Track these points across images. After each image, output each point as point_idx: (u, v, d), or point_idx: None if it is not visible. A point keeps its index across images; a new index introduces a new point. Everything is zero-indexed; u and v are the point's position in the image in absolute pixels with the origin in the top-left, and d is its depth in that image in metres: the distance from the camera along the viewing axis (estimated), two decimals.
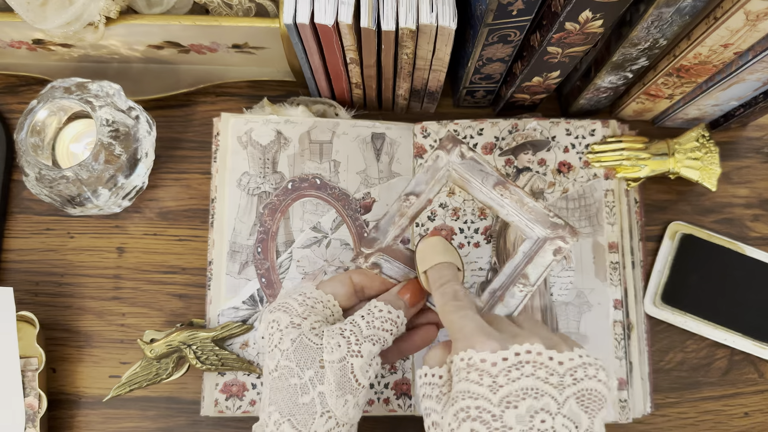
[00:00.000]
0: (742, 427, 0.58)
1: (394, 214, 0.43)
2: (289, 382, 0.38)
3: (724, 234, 0.59)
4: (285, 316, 0.40)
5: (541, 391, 0.31)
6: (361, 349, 0.38)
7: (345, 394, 0.38)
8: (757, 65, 0.47)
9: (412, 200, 0.43)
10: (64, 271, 0.59)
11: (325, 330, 0.39)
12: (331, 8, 0.45)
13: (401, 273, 0.44)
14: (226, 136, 0.57)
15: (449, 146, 0.42)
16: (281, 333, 0.39)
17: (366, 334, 0.39)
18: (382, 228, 0.43)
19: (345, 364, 0.38)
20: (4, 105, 0.62)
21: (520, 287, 0.41)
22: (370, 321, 0.39)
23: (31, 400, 0.53)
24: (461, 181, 0.43)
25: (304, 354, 0.38)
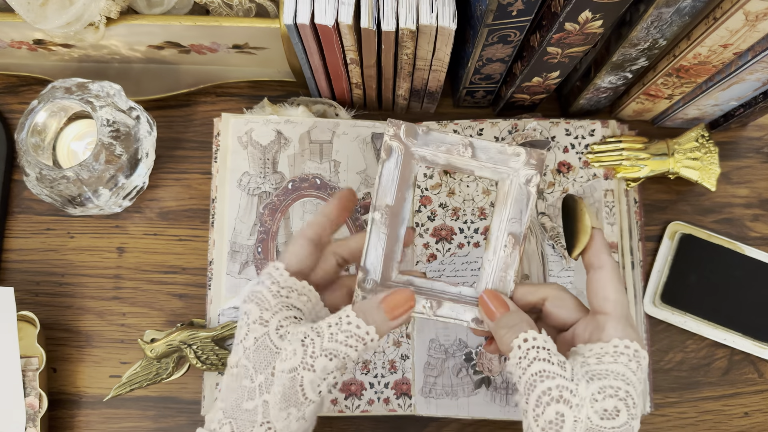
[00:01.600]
0: (742, 427, 0.58)
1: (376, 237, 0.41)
2: (242, 383, 0.37)
3: (724, 234, 0.59)
4: (256, 309, 0.37)
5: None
6: (315, 363, 0.36)
7: (289, 407, 0.36)
8: (757, 65, 0.47)
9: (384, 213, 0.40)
10: (65, 271, 0.59)
11: (290, 332, 0.37)
12: (331, 9, 0.45)
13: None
14: (226, 136, 0.57)
15: (396, 131, 0.40)
16: (248, 328, 0.37)
17: (325, 347, 0.36)
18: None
19: (295, 376, 0.36)
20: (4, 105, 0.62)
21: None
22: (335, 333, 0.36)
23: (32, 400, 0.54)
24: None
25: (262, 356, 0.36)
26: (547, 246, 0.56)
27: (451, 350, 0.55)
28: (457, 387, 0.54)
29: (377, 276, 0.40)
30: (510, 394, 0.54)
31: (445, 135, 0.40)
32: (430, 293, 0.41)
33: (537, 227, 0.56)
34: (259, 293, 0.38)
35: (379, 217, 0.40)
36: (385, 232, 0.40)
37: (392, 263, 0.41)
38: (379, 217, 0.40)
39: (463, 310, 0.41)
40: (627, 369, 0.36)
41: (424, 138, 0.40)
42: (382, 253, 0.40)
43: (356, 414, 0.54)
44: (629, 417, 0.35)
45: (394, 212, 0.40)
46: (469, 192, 0.57)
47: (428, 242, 0.56)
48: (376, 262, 0.40)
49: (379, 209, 0.40)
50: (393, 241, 0.41)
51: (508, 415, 0.53)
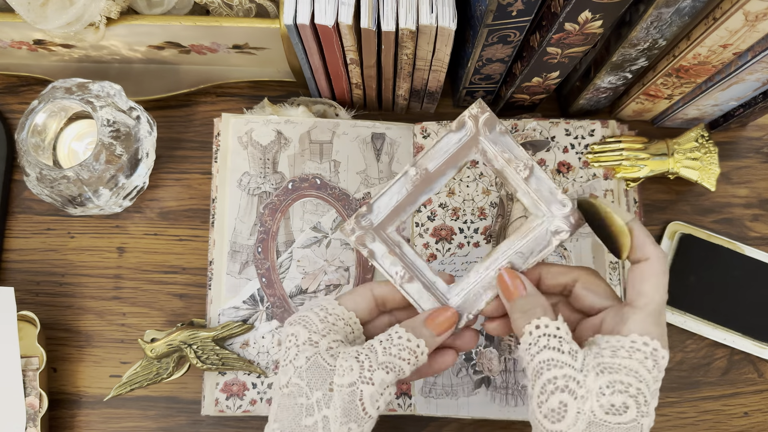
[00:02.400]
0: (742, 426, 0.58)
1: (396, 192, 0.41)
2: (297, 401, 0.37)
3: (724, 234, 0.59)
4: (304, 331, 0.38)
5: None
6: (373, 377, 0.36)
7: (349, 422, 0.36)
8: (757, 65, 0.47)
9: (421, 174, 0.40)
10: (65, 271, 0.59)
11: (341, 352, 0.38)
12: (331, 9, 0.45)
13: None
14: (226, 137, 0.57)
15: (479, 114, 0.39)
16: (297, 349, 0.38)
17: (381, 360, 0.37)
18: (378, 207, 0.41)
19: (354, 390, 0.36)
20: (4, 105, 0.62)
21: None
22: (387, 347, 0.37)
23: (32, 400, 0.54)
24: (485, 156, 0.40)
25: (317, 374, 0.37)
26: None
27: None
28: (457, 387, 0.54)
29: (377, 220, 0.41)
30: (510, 394, 0.54)
31: (515, 146, 0.40)
32: (410, 266, 0.41)
33: None
34: (306, 317, 0.39)
35: (413, 173, 0.40)
36: (408, 189, 0.40)
37: (396, 219, 0.41)
38: (413, 173, 0.40)
39: (426, 298, 0.41)
40: (641, 366, 0.35)
41: (497, 136, 0.39)
42: (394, 204, 0.41)
43: None
44: (638, 414, 0.35)
45: (428, 179, 0.40)
46: (469, 192, 0.57)
47: (428, 242, 0.56)
48: (383, 209, 0.41)
49: (417, 167, 0.40)
50: (410, 201, 0.41)
51: (507, 415, 0.53)
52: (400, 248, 0.41)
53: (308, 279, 0.56)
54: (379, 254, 0.41)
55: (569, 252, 0.55)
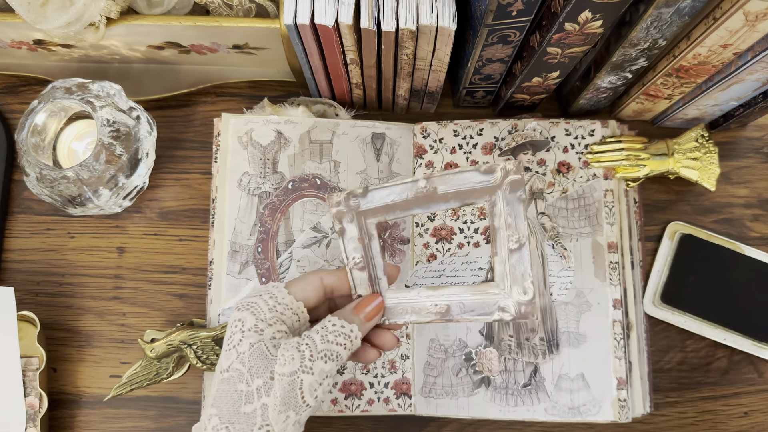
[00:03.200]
0: (742, 426, 0.58)
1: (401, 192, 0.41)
2: (236, 387, 0.38)
3: (724, 234, 0.59)
4: (251, 317, 0.39)
5: None
6: (313, 366, 0.38)
7: (288, 410, 0.37)
8: (756, 65, 0.47)
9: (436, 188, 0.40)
10: (65, 271, 0.59)
11: (283, 342, 0.39)
12: (331, 9, 0.45)
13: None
14: (226, 137, 0.57)
15: (511, 172, 0.39)
16: (242, 335, 0.39)
17: (320, 348, 0.39)
18: (374, 197, 0.41)
19: (294, 379, 0.37)
20: (4, 105, 0.62)
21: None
22: (324, 335, 0.39)
23: (32, 400, 0.54)
24: (492, 208, 0.40)
25: (258, 361, 0.38)
26: (547, 246, 0.56)
27: (451, 350, 0.55)
28: (457, 387, 0.54)
29: (365, 206, 0.41)
30: (510, 394, 0.54)
31: (522, 218, 0.40)
32: (368, 259, 0.42)
33: (537, 227, 0.56)
34: (255, 304, 0.40)
35: (422, 185, 0.40)
36: (409, 196, 0.41)
37: (382, 215, 0.42)
38: (422, 185, 0.40)
39: (365, 288, 0.42)
40: None
41: (513, 198, 0.39)
42: (389, 201, 0.41)
43: (356, 414, 0.54)
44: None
45: (431, 197, 0.41)
46: None
47: (428, 242, 0.56)
48: (376, 200, 0.41)
49: (428, 182, 0.40)
50: (403, 207, 0.41)
51: (507, 415, 0.53)
52: (369, 240, 0.42)
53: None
54: (349, 235, 0.42)
55: (569, 252, 0.55)
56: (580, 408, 0.53)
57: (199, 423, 0.39)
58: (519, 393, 0.54)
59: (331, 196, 0.42)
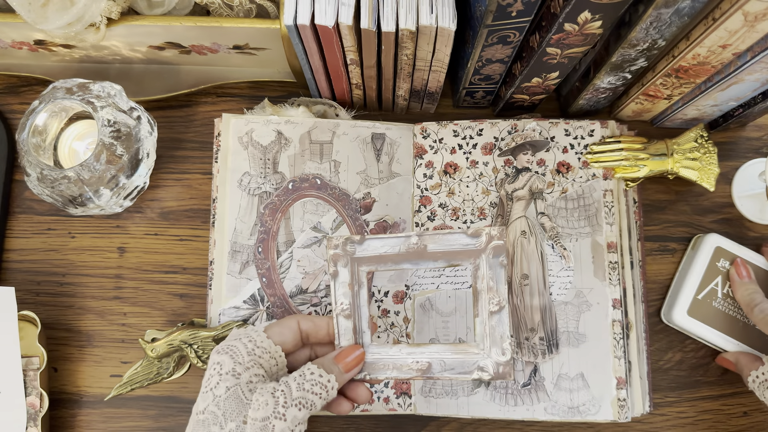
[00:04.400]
0: (741, 426, 0.58)
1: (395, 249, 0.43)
2: (210, 430, 0.38)
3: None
4: (229, 361, 0.40)
5: None
6: (286, 413, 0.38)
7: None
8: (756, 66, 0.47)
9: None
10: (66, 271, 0.59)
11: (259, 387, 0.39)
12: (331, 9, 0.45)
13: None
14: (227, 137, 0.57)
15: (495, 237, 0.42)
16: (220, 377, 0.39)
17: (295, 396, 0.39)
18: (369, 245, 0.43)
19: (267, 424, 0.38)
20: (5, 105, 0.62)
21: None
22: (301, 383, 0.40)
23: (33, 399, 0.54)
24: (476, 271, 0.43)
25: (233, 405, 0.38)
26: (546, 246, 0.56)
27: None
28: (457, 386, 0.54)
29: (360, 254, 0.43)
30: (509, 393, 0.54)
31: (503, 282, 0.42)
32: (355, 307, 0.44)
33: (537, 227, 0.56)
34: (234, 347, 0.41)
35: (413, 241, 0.43)
36: (401, 250, 0.43)
37: (374, 265, 0.44)
38: (413, 241, 0.43)
39: (348, 338, 0.44)
40: None
41: (495, 264, 0.42)
42: (381, 252, 0.43)
43: (356, 413, 0.54)
44: None
45: (420, 254, 0.43)
46: (469, 192, 0.57)
47: None
48: (370, 249, 0.43)
49: (420, 239, 0.43)
50: (394, 260, 0.44)
51: (507, 414, 0.53)
52: (358, 288, 0.44)
53: (308, 279, 0.56)
54: (341, 280, 0.43)
55: (569, 252, 0.55)
56: (580, 407, 0.53)
57: None
58: (519, 392, 0.54)
59: (331, 239, 0.43)
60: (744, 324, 0.56)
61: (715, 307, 0.57)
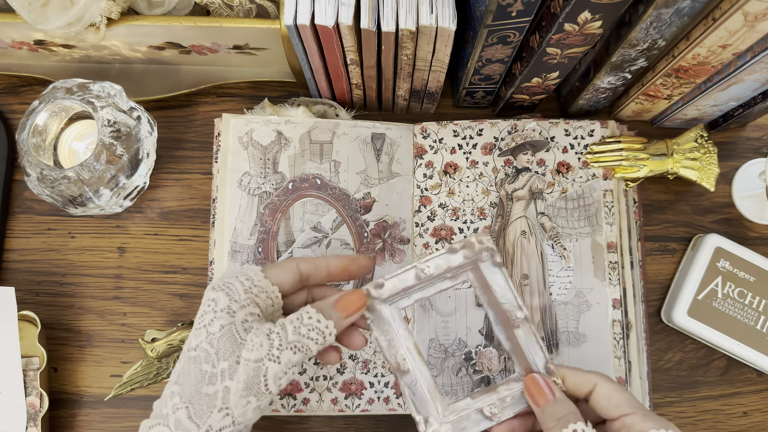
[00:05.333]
0: (741, 426, 0.58)
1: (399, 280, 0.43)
2: (201, 367, 0.37)
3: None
4: (225, 298, 0.39)
5: None
6: (280, 356, 0.37)
7: (249, 395, 0.37)
8: (756, 66, 0.47)
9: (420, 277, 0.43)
10: (66, 271, 0.59)
11: (255, 327, 0.38)
12: (331, 9, 0.45)
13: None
14: (227, 137, 0.57)
15: (481, 247, 0.42)
16: (214, 314, 0.38)
17: (291, 339, 0.38)
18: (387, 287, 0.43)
19: (260, 366, 0.37)
20: (5, 105, 0.62)
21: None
22: (297, 327, 0.38)
23: (33, 399, 0.54)
24: (479, 282, 0.43)
25: (227, 344, 0.37)
26: (546, 246, 0.56)
27: (451, 350, 0.55)
28: (457, 386, 0.54)
29: (384, 295, 0.43)
30: None
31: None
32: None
33: (537, 227, 0.56)
34: (231, 285, 0.39)
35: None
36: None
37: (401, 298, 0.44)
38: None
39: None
40: None
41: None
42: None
43: (356, 413, 0.54)
44: None
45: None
46: (469, 192, 0.57)
47: (428, 242, 0.56)
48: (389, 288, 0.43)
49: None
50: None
51: None
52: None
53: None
54: (385, 328, 0.43)
55: (569, 252, 0.55)
56: None
57: (160, 399, 0.38)
58: None
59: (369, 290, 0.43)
60: (744, 324, 0.56)
61: (716, 308, 0.57)
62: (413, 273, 0.43)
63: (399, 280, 0.43)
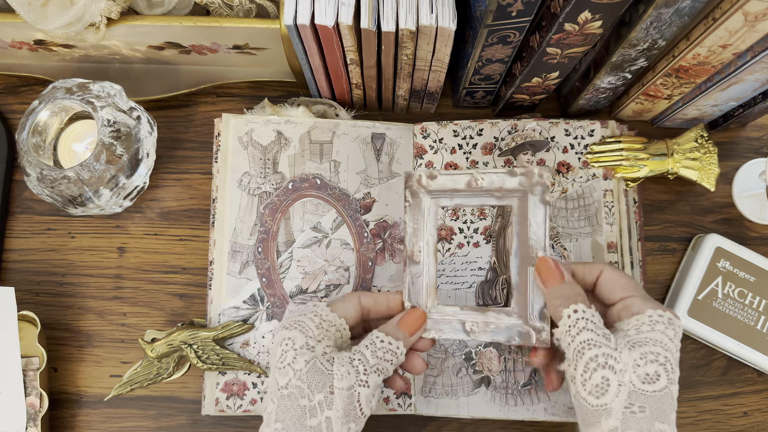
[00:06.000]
0: (741, 426, 0.58)
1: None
2: (299, 403, 0.39)
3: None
4: (300, 336, 0.41)
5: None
6: (368, 380, 0.40)
7: (349, 422, 0.40)
8: (756, 66, 0.47)
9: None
10: (66, 271, 0.59)
11: (336, 357, 0.41)
12: (331, 9, 0.45)
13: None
14: (226, 137, 0.57)
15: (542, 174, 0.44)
16: (295, 352, 0.41)
17: (372, 363, 0.41)
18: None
19: (353, 392, 0.40)
20: (5, 105, 0.62)
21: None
22: (374, 351, 0.41)
23: (33, 400, 0.54)
24: (520, 211, 0.45)
25: (317, 377, 0.40)
26: None
27: (451, 350, 0.55)
28: (457, 386, 0.54)
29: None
30: (510, 393, 0.54)
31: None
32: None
33: None
34: (302, 323, 0.42)
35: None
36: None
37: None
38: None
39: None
40: (664, 336, 0.39)
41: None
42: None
43: None
44: (668, 381, 0.38)
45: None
46: None
47: None
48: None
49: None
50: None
51: (507, 414, 0.53)
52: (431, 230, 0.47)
53: (308, 279, 0.56)
54: (416, 212, 0.47)
55: (569, 252, 0.55)
56: None
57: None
58: (519, 392, 0.54)
59: (411, 174, 0.47)
60: (744, 324, 0.56)
61: (716, 308, 0.57)
62: (466, 179, 0.45)
63: (451, 180, 0.46)
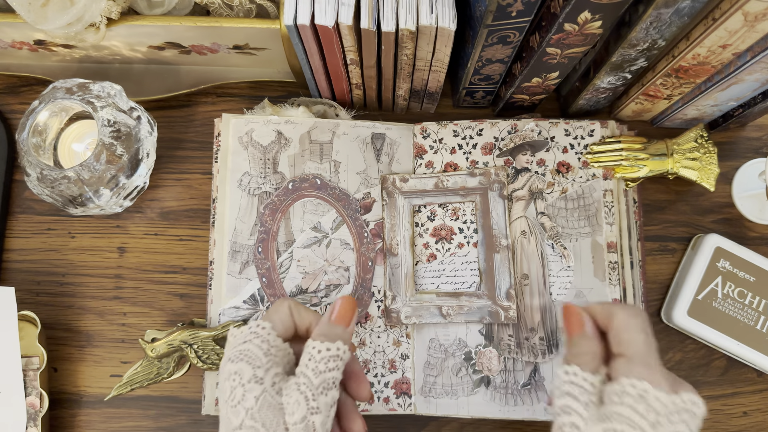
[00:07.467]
0: (741, 426, 0.58)
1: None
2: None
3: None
4: (248, 368, 0.39)
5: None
6: (318, 405, 0.38)
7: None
8: (756, 66, 0.47)
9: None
10: (66, 271, 0.59)
11: (284, 387, 0.39)
12: (331, 9, 0.45)
13: None
14: (227, 137, 0.57)
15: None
16: (244, 389, 0.38)
17: (316, 384, 0.38)
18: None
19: (307, 423, 0.37)
20: (5, 105, 0.62)
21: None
22: (314, 367, 0.39)
23: (33, 399, 0.54)
24: (482, 206, 0.50)
25: (269, 414, 0.38)
26: (546, 246, 0.56)
27: (451, 350, 0.55)
28: (457, 386, 0.54)
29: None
30: (509, 393, 0.54)
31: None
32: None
33: (537, 227, 0.56)
34: (249, 351, 0.39)
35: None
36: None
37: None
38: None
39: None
40: (631, 411, 0.36)
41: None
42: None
43: None
44: None
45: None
46: None
47: (428, 242, 0.56)
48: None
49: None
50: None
51: (507, 414, 0.53)
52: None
53: (308, 279, 0.56)
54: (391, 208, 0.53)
55: (569, 252, 0.55)
56: None
57: None
58: (519, 392, 0.54)
59: (387, 178, 0.54)
60: (744, 324, 0.56)
61: (716, 308, 0.57)
62: (434, 181, 0.54)
63: (421, 182, 0.54)
